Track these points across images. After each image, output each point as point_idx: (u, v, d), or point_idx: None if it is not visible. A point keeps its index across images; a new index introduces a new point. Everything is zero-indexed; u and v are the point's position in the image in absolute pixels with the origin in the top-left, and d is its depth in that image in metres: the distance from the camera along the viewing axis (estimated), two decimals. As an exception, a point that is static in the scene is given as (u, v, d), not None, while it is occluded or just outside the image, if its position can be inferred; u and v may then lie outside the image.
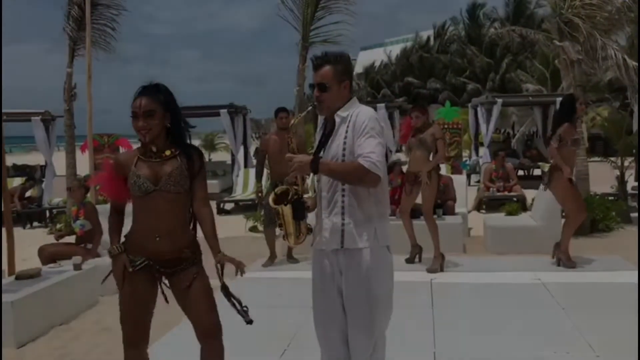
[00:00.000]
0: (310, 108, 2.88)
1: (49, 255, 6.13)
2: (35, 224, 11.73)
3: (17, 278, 5.20)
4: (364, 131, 2.55)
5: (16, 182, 12.87)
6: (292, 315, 4.67)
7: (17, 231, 10.16)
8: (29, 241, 8.67)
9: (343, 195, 2.64)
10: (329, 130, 2.73)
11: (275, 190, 2.84)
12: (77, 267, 5.48)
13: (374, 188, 2.59)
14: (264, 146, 6.87)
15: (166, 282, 2.87)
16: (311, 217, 2.85)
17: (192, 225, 2.90)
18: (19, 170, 15.92)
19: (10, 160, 21.62)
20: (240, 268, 2.81)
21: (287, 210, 2.80)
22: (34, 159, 15.60)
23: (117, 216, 2.95)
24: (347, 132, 2.61)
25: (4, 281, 5.25)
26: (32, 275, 5.20)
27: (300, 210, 2.80)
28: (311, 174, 2.65)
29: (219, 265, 2.80)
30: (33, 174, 14.73)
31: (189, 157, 2.82)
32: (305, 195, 2.95)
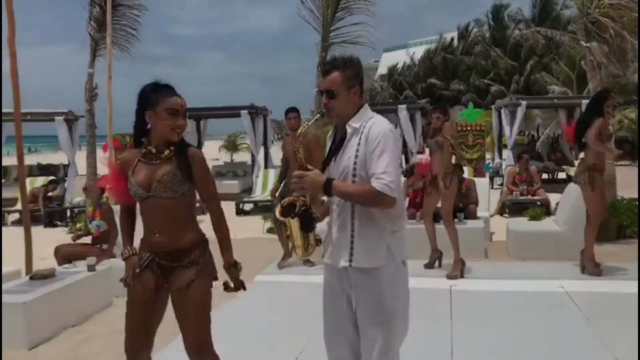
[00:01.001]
0: (318, 116, 2.72)
1: (64, 255, 6.13)
2: (57, 222, 11.81)
3: (31, 278, 5.18)
4: (377, 147, 2.40)
5: (39, 181, 12.97)
6: (306, 321, 4.54)
7: (38, 230, 10.29)
8: (49, 240, 8.69)
9: (353, 211, 2.51)
10: (339, 139, 2.59)
11: (282, 202, 2.71)
12: (91, 268, 5.45)
13: (390, 209, 2.45)
14: (283, 150, 6.80)
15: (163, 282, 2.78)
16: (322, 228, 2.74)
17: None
18: (43, 169, 16.07)
19: (36, 159, 21.97)
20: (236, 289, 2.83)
21: (294, 222, 2.66)
22: (61, 158, 15.75)
23: (127, 218, 2.89)
24: (359, 144, 2.46)
25: (18, 281, 5.25)
26: (46, 276, 5.18)
27: (308, 222, 2.66)
28: None
29: (224, 284, 2.79)
30: (56, 173, 14.85)
31: (184, 158, 2.71)
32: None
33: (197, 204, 3.03)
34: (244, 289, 2.85)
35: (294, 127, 6.42)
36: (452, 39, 48.83)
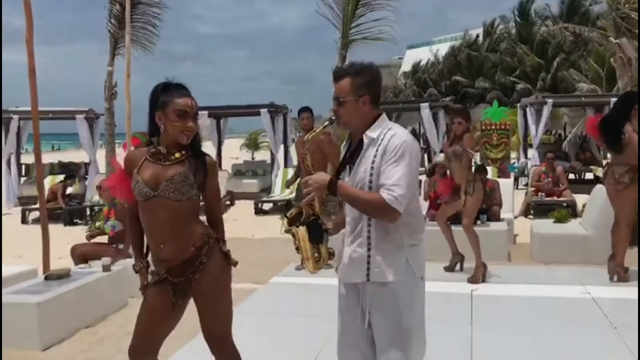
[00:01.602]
0: (327, 123, 2.57)
1: (80, 255, 6.11)
2: (77, 221, 11.88)
3: (46, 278, 5.16)
4: (393, 157, 2.27)
5: (60, 179, 13.08)
6: (322, 325, 4.43)
7: (58, 228, 10.35)
8: (69, 238, 8.72)
9: (369, 224, 2.37)
10: (353, 149, 2.46)
11: (287, 214, 2.55)
12: (106, 268, 5.41)
13: (392, 223, 2.31)
14: (299, 148, 6.69)
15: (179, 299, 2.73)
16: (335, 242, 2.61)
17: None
18: (64, 167, 16.24)
19: (58, 157, 22.25)
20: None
21: (302, 232, 2.50)
22: (83, 156, 15.93)
23: (136, 223, 2.77)
24: (375, 156, 2.32)
25: (34, 281, 5.23)
26: (61, 276, 5.15)
27: (317, 232, 2.50)
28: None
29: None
30: (77, 171, 14.98)
31: (201, 164, 2.66)
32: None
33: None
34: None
35: (307, 127, 6.34)
36: (477, 36, 48.26)
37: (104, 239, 6.50)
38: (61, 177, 13.19)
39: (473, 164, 5.96)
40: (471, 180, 5.78)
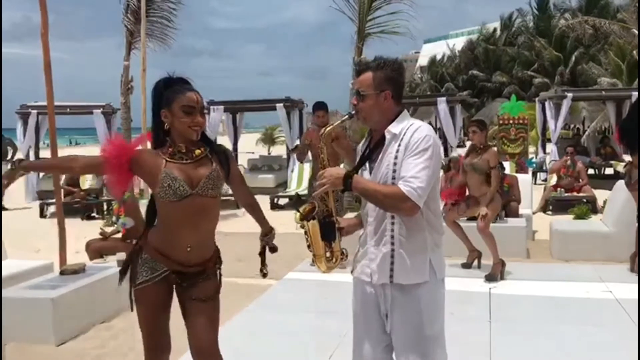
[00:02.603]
0: (346, 117, 2.49)
1: (95, 250, 6.12)
2: (95, 215, 11.94)
3: (61, 273, 5.16)
4: (414, 150, 2.21)
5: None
6: (337, 322, 4.38)
7: (75, 222, 10.42)
8: (86, 233, 8.76)
9: (393, 223, 2.30)
10: (373, 146, 2.39)
11: (300, 209, 2.48)
12: (121, 263, 5.38)
13: (409, 217, 2.25)
14: (308, 136, 6.58)
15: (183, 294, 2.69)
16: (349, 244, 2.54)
17: None
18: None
19: (76, 152, 22.42)
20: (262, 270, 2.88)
21: (313, 227, 2.42)
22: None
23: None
24: (398, 151, 2.25)
25: (49, 276, 5.23)
26: (76, 271, 5.14)
27: (329, 229, 2.42)
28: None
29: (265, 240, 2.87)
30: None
31: (220, 157, 2.65)
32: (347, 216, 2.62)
33: (232, 198, 3.00)
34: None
35: (322, 125, 6.21)
36: (495, 30, 47.76)
37: (119, 234, 6.49)
38: (78, 172, 13.25)
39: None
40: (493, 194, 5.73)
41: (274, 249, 2.90)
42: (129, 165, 2.55)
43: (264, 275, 2.90)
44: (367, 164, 2.39)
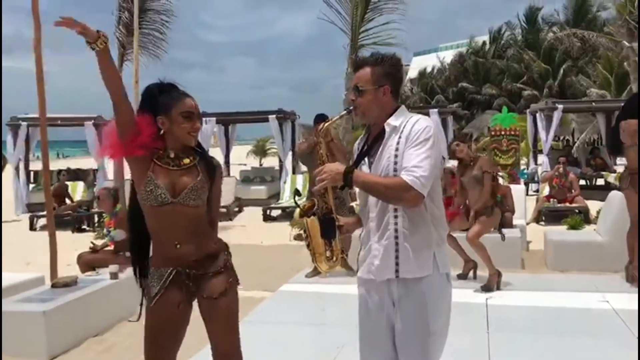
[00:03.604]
0: (344, 112, 2.46)
1: (87, 263, 6.04)
2: (85, 228, 11.83)
3: (53, 286, 5.09)
4: (415, 141, 2.19)
5: (70, 186, 13.05)
6: (334, 334, 4.35)
7: (66, 235, 10.30)
8: (77, 245, 8.68)
9: (396, 217, 2.26)
10: (372, 142, 2.37)
11: (301, 205, 2.44)
12: (113, 276, 5.33)
13: (415, 207, 2.22)
14: (299, 147, 6.52)
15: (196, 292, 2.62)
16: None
17: None
18: (72, 174, 16.22)
19: (67, 164, 22.25)
20: None
21: (313, 224, 2.38)
22: (93, 163, 15.94)
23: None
24: (398, 143, 2.23)
25: (40, 289, 5.15)
26: (68, 284, 5.07)
27: (329, 227, 2.37)
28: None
29: None
30: (85, 178, 14.96)
31: (209, 168, 2.59)
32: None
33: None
34: None
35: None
36: (484, 43, 48.13)
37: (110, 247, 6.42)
38: (69, 184, 13.16)
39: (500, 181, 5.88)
40: (490, 205, 5.73)
41: None
42: (136, 153, 2.49)
43: None
44: (366, 159, 2.37)
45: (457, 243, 5.98)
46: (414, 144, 2.19)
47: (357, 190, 2.38)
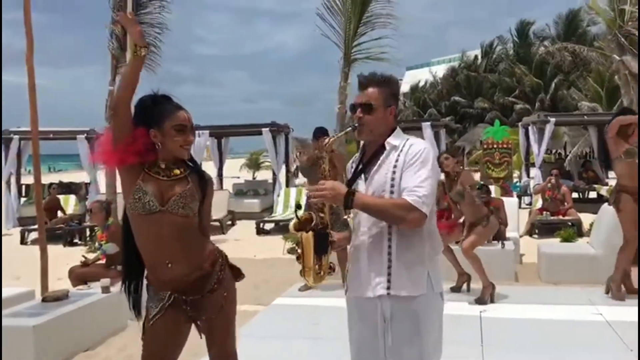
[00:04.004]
0: (349, 129, 2.45)
1: (78, 276, 5.98)
2: (77, 241, 11.74)
3: (43, 300, 5.03)
4: (416, 161, 2.22)
5: (61, 200, 12.97)
6: (329, 347, 4.30)
7: (57, 249, 10.22)
8: (68, 259, 8.60)
9: (390, 232, 2.26)
10: (368, 159, 2.38)
11: (299, 215, 2.42)
12: (105, 289, 5.28)
13: (416, 228, 2.23)
14: (310, 161, 6.44)
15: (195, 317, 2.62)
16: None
17: None
18: (64, 187, 16.15)
19: (59, 178, 22.15)
20: None
21: (308, 239, 2.36)
22: (85, 176, 15.88)
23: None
24: (397, 160, 2.26)
25: (30, 303, 5.10)
26: (58, 298, 5.02)
27: (323, 242, 2.36)
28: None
29: None
30: (77, 191, 14.88)
31: (203, 181, 2.58)
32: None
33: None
34: None
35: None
36: (476, 57, 48.49)
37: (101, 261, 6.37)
38: (61, 197, 13.08)
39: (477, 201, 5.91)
40: (486, 214, 5.76)
41: None
42: (130, 160, 2.47)
43: None
44: (362, 176, 2.38)
45: (454, 255, 5.98)
46: (413, 165, 2.22)
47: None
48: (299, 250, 2.40)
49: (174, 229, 2.46)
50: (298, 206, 2.60)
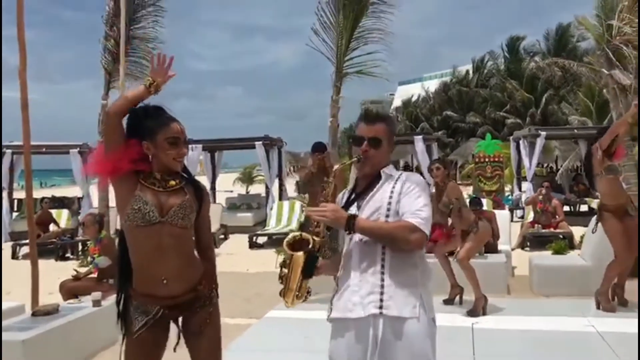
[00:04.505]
0: (355, 159, 2.46)
1: (69, 290, 5.95)
2: (69, 256, 11.66)
3: (33, 314, 4.99)
4: (414, 190, 2.29)
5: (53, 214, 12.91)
6: (320, 361, 4.30)
7: (49, 263, 10.16)
8: (59, 274, 8.54)
9: (384, 253, 2.28)
10: (362, 189, 2.43)
11: (295, 235, 2.40)
12: (96, 303, 5.25)
13: (418, 250, 2.28)
14: (300, 173, 6.45)
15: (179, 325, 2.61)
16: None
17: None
18: (57, 201, 16.08)
19: (51, 193, 22.03)
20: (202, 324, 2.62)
21: (299, 260, 2.34)
22: (78, 191, 15.81)
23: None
24: (394, 187, 2.33)
25: (20, 317, 5.06)
26: (49, 312, 4.98)
27: (311, 266, 2.35)
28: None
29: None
30: (70, 206, 14.83)
31: (196, 192, 2.58)
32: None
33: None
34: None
35: (322, 164, 6.06)
36: (467, 72, 48.88)
37: (93, 274, 6.33)
38: (53, 211, 13.02)
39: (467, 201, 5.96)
40: (474, 220, 5.80)
41: None
42: (124, 168, 2.46)
43: None
44: (355, 203, 2.40)
45: (450, 266, 6.01)
46: (413, 192, 2.29)
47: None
48: (285, 270, 2.38)
49: (173, 241, 2.45)
50: (301, 226, 2.59)
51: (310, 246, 2.33)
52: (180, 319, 2.60)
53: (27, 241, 11.31)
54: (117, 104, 2.50)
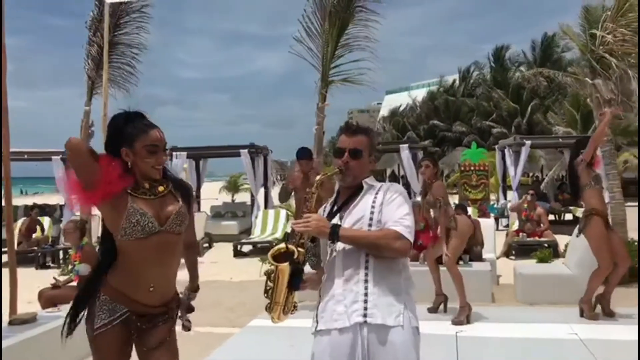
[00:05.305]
0: (337, 171, 2.46)
1: (48, 299, 5.83)
2: (49, 264, 11.50)
3: (10, 324, 4.88)
4: (397, 198, 2.32)
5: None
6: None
7: (29, 271, 10.00)
8: (40, 282, 8.39)
9: (367, 261, 2.28)
10: (344, 200, 2.44)
11: (280, 247, 2.35)
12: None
13: (402, 257, 2.30)
14: (292, 183, 6.33)
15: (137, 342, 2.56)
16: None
17: None
18: (38, 209, 15.84)
19: (33, 200, 21.76)
20: (185, 325, 2.67)
21: (284, 272, 2.27)
22: (60, 198, 15.62)
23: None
24: (376, 197, 2.35)
25: (-5, 326, 4.93)
26: (26, 321, 4.89)
27: (297, 279, 2.30)
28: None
29: (182, 298, 2.67)
30: (51, 213, 14.63)
31: (183, 193, 2.58)
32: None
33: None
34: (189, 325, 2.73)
35: (307, 170, 6.02)
36: (454, 81, 49.29)
37: (73, 282, 6.22)
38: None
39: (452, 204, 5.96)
40: (452, 215, 5.77)
41: (187, 328, 2.70)
42: (116, 190, 2.39)
43: (187, 329, 2.73)
44: (337, 215, 2.41)
45: (439, 273, 5.99)
46: (395, 201, 2.31)
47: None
48: (270, 284, 2.32)
49: (169, 248, 2.46)
50: (286, 236, 2.56)
51: (295, 257, 2.29)
52: (142, 333, 2.53)
53: (5, 249, 11.21)
54: (78, 140, 2.48)
